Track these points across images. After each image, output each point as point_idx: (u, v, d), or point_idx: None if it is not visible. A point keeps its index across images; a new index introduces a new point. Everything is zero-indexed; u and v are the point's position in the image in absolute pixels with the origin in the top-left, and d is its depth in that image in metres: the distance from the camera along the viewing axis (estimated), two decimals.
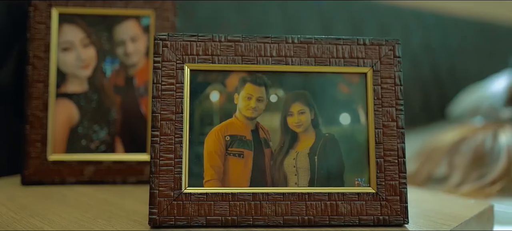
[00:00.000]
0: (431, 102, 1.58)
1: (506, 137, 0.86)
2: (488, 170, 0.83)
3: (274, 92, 0.51)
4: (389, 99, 0.51)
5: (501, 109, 0.99)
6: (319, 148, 0.50)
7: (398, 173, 0.50)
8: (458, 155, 0.89)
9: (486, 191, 0.80)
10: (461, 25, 1.76)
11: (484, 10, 1.94)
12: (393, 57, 0.52)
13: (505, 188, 0.82)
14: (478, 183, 0.82)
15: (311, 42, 0.51)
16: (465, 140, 0.90)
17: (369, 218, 0.49)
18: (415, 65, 1.52)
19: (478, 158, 0.86)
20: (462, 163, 0.87)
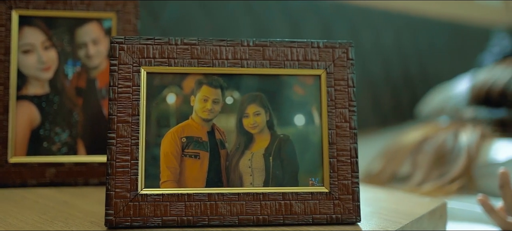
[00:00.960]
0: (402, 102, 1.61)
1: (466, 137, 0.88)
2: (448, 169, 0.85)
3: (230, 94, 0.52)
4: (342, 100, 0.52)
5: (464, 109, 1.01)
6: (274, 149, 0.52)
7: (350, 173, 0.52)
8: (421, 155, 0.91)
9: (445, 189, 0.82)
10: (432, 26, 1.80)
11: (454, 11, 1.98)
12: (346, 59, 0.53)
13: (464, 186, 0.84)
14: (439, 181, 0.84)
15: (266, 45, 0.52)
16: (428, 140, 0.92)
17: (322, 217, 0.51)
18: (386, 66, 1.54)
19: (440, 157, 0.88)
20: (424, 162, 0.89)
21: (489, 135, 0.90)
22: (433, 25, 1.80)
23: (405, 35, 1.64)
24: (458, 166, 0.85)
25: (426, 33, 1.77)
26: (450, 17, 1.93)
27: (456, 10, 2.01)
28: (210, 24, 0.98)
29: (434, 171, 0.87)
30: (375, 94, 1.50)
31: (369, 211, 0.55)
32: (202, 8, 0.97)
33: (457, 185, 0.83)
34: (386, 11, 1.54)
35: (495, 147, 0.87)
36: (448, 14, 1.92)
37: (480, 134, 0.89)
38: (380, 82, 1.52)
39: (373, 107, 1.49)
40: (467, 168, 0.84)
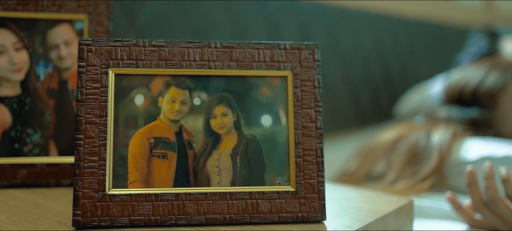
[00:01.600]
0: (382, 102, 1.63)
1: (438, 136, 0.90)
2: (420, 167, 0.87)
3: (197, 95, 0.52)
4: (308, 101, 0.53)
5: (438, 109, 1.03)
6: (241, 149, 0.52)
7: (316, 172, 0.53)
8: (395, 154, 0.92)
9: (417, 188, 0.84)
10: (411, 27, 1.82)
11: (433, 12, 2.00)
12: (313, 60, 0.54)
13: (436, 185, 0.86)
14: (411, 180, 0.85)
15: (233, 47, 0.53)
16: (402, 139, 0.94)
17: (289, 216, 0.52)
18: (365, 66, 1.56)
19: (412, 156, 0.90)
20: (398, 161, 0.90)
21: (461, 134, 0.92)
22: (413, 25, 1.82)
23: (384, 35, 1.66)
24: (429, 165, 0.86)
25: (406, 34, 1.79)
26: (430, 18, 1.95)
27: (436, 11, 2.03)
28: (188, 25, 0.99)
29: (407, 170, 0.88)
30: (354, 94, 1.51)
31: (336, 210, 0.56)
32: (179, 9, 0.97)
33: (428, 183, 0.85)
34: (365, 12, 1.56)
35: (466, 146, 0.88)
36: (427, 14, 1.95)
37: (452, 133, 0.90)
38: (359, 82, 1.54)
39: (353, 107, 1.51)
40: (438, 167, 0.86)
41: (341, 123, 1.45)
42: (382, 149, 0.95)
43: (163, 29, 0.95)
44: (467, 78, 0.97)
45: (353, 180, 0.92)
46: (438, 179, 0.86)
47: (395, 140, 0.95)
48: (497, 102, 0.91)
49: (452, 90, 1.00)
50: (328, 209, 0.55)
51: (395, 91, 1.67)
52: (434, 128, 0.93)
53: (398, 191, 0.83)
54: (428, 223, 0.73)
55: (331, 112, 1.42)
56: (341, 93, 1.45)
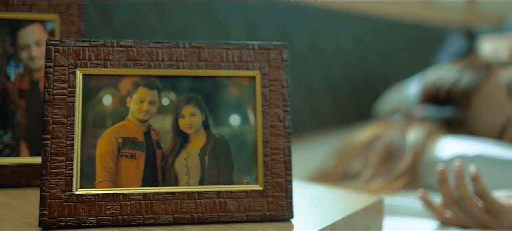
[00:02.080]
0: (363, 101, 1.64)
1: (414, 135, 0.91)
2: (395, 166, 0.88)
3: (166, 95, 0.53)
4: (276, 101, 0.54)
5: (415, 108, 1.04)
6: (210, 148, 0.53)
7: (284, 171, 0.53)
8: (371, 152, 0.93)
9: (392, 186, 0.85)
10: (393, 27, 1.83)
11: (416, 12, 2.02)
12: (281, 60, 0.55)
13: (411, 183, 0.87)
14: (386, 178, 0.86)
15: (201, 47, 0.53)
16: (378, 138, 0.95)
17: (256, 214, 0.52)
18: (346, 66, 1.57)
19: (388, 155, 0.91)
20: (374, 159, 0.91)
21: (436, 133, 0.93)
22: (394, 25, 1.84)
23: (365, 35, 1.67)
24: (404, 163, 0.87)
25: (387, 34, 1.80)
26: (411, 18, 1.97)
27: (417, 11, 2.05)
28: (165, 26, 0.99)
29: (382, 169, 0.89)
30: (335, 94, 1.52)
31: (305, 208, 0.57)
32: (156, 9, 0.97)
33: (403, 181, 0.86)
34: (346, 12, 1.56)
35: (440, 144, 0.90)
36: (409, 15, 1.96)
37: (427, 132, 0.91)
38: (340, 82, 1.55)
39: (334, 106, 1.52)
40: (413, 165, 0.87)
41: (321, 122, 1.46)
42: (358, 148, 0.96)
43: (140, 29, 0.95)
44: (442, 77, 0.99)
45: (330, 179, 0.93)
46: (412, 178, 0.87)
47: (371, 139, 0.96)
48: (471, 101, 0.92)
49: (428, 90, 1.01)
50: (297, 208, 0.56)
51: (376, 90, 1.68)
52: (410, 127, 0.94)
53: (373, 189, 0.84)
54: (399, 221, 0.74)
55: (311, 111, 1.42)
56: (321, 92, 1.46)
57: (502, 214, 0.66)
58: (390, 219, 0.74)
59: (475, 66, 0.96)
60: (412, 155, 0.88)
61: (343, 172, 0.94)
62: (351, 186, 0.86)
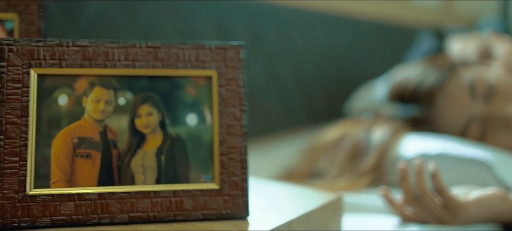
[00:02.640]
0: (336, 100, 1.65)
1: (379, 133, 0.92)
2: (361, 164, 0.89)
3: (122, 95, 0.53)
4: (233, 100, 0.54)
5: (383, 106, 1.06)
6: (166, 148, 0.53)
7: (240, 170, 0.54)
8: (338, 151, 0.94)
9: (357, 184, 0.86)
10: (367, 27, 1.85)
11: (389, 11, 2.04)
12: (238, 60, 0.55)
13: (376, 180, 0.88)
14: (351, 176, 0.88)
15: (158, 47, 0.54)
16: (345, 136, 0.96)
17: (212, 213, 0.53)
18: (319, 65, 1.58)
19: (354, 153, 0.92)
20: (340, 158, 0.93)
21: (401, 131, 0.94)
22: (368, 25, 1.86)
23: (338, 35, 1.68)
24: (369, 162, 0.88)
25: (361, 34, 1.82)
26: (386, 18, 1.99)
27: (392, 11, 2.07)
28: (133, 26, 0.99)
29: (348, 167, 0.90)
30: (308, 93, 1.53)
31: (263, 207, 0.58)
32: (124, 9, 0.97)
33: (368, 179, 0.87)
34: (318, 12, 1.58)
35: (405, 143, 0.91)
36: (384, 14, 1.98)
37: (392, 130, 0.93)
38: (313, 81, 1.56)
39: (306, 105, 1.53)
40: (378, 163, 0.88)
41: (294, 121, 1.47)
42: (325, 147, 0.97)
43: (107, 29, 0.94)
44: (408, 77, 1.00)
45: (297, 177, 0.94)
46: (377, 175, 0.88)
47: (338, 138, 0.97)
48: (435, 100, 0.94)
49: (395, 89, 1.02)
50: (254, 206, 0.56)
51: (349, 89, 1.69)
52: (376, 126, 0.96)
53: (338, 187, 0.85)
54: (360, 219, 0.75)
55: (284, 110, 1.43)
56: (294, 91, 1.47)
57: (458, 210, 0.68)
58: (351, 216, 0.75)
59: (440, 66, 0.98)
60: (377, 153, 0.89)
61: (310, 171, 0.95)
62: (318, 184, 0.87)
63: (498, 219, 0.70)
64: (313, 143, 1.00)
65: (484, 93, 0.91)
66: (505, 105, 0.89)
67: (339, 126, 1.02)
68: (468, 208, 0.68)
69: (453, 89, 0.93)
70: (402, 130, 0.95)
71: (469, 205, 0.68)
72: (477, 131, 0.91)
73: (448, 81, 0.94)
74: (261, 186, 0.66)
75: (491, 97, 0.91)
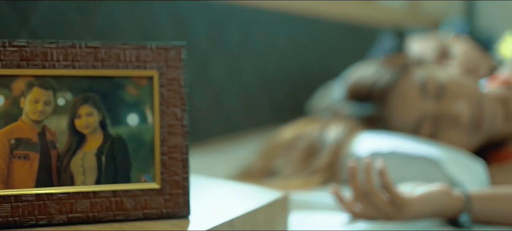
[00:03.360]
0: (300, 99, 1.66)
1: (334, 132, 0.94)
2: (316, 162, 0.90)
3: (61, 95, 0.53)
4: (174, 100, 0.55)
5: (340, 105, 1.07)
6: (107, 148, 0.53)
7: (181, 169, 0.54)
8: (293, 150, 0.95)
9: (311, 182, 0.87)
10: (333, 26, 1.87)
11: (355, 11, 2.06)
12: (179, 60, 0.55)
13: (330, 179, 0.89)
14: (305, 175, 0.89)
15: (98, 47, 0.54)
16: (301, 135, 0.97)
17: (153, 212, 0.53)
18: (282, 65, 1.59)
19: (309, 152, 0.93)
20: (296, 157, 0.94)
21: (356, 130, 0.96)
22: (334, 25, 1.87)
23: (302, 35, 1.70)
24: (323, 160, 0.90)
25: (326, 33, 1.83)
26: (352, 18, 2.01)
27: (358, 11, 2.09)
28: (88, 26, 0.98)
29: (303, 165, 0.91)
30: (272, 92, 1.54)
31: (206, 206, 0.58)
32: (79, 8, 0.96)
33: (322, 177, 0.88)
34: (282, 12, 1.59)
35: (359, 141, 0.93)
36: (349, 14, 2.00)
37: (347, 129, 0.94)
38: (276, 81, 1.57)
39: (269, 105, 1.54)
40: (332, 162, 0.89)
41: (257, 121, 1.48)
42: (282, 145, 0.98)
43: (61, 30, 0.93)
44: (364, 75, 1.02)
45: (254, 177, 0.95)
46: (332, 174, 0.90)
47: (294, 137, 0.98)
48: (389, 99, 0.96)
49: (351, 88, 1.04)
50: (197, 205, 0.57)
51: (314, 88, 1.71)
52: (331, 124, 0.97)
53: (292, 186, 0.86)
54: (310, 216, 0.76)
55: (246, 111, 1.44)
56: (257, 91, 1.48)
57: (404, 206, 0.70)
58: (301, 214, 0.76)
59: (394, 65, 1.00)
60: (331, 152, 0.90)
61: (267, 170, 0.96)
62: (272, 183, 0.88)
63: (442, 214, 0.72)
64: (270, 142, 1.01)
65: (435, 91, 0.93)
66: (454, 103, 0.91)
67: (296, 125, 1.02)
68: (413, 204, 0.70)
69: (405, 88, 0.95)
70: (357, 128, 0.96)
71: (414, 201, 0.70)
72: (428, 129, 0.93)
73: (401, 80, 0.96)
74: (208, 185, 0.66)
75: (442, 96, 0.93)
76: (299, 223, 0.72)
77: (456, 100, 0.91)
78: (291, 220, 0.73)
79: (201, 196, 0.60)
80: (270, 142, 1.01)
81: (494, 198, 0.72)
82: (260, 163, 0.97)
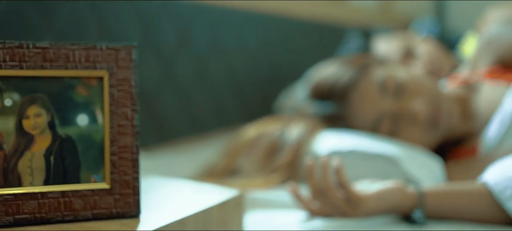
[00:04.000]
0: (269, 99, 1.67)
1: (295, 131, 0.95)
2: (277, 161, 0.91)
3: (9, 96, 0.52)
4: (124, 100, 0.55)
5: (304, 104, 1.08)
6: (55, 148, 0.53)
7: (131, 169, 0.54)
8: (256, 148, 0.96)
9: (272, 181, 0.88)
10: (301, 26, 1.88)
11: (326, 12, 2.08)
12: (129, 61, 0.56)
13: (291, 177, 0.90)
14: (266, 173, 0.89)
15: (46, 48, 0.53)
16: (264, 133, 0.98)
17: (103, 212, 0.53)
18: (251, 64, 1.60)
19: (271, 151, 0.94)
20: (258, 155, 0.94)
21: (317, 128, 0.97)
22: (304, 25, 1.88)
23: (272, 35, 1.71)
24: (284, 159, 0.91)
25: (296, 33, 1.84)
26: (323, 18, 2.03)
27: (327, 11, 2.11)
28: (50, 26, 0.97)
29: (265, 164, 0.92)
30: (241, 92, 1.55)
31: (158, 205, 0.58)
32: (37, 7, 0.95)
33: (283, 176, 0.89)
34: (250, 11, 1.59)
35: (320, 140, 0.94)
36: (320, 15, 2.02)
37: (308, 128, 0.95)
38: (245, 81, 1.57)
39: (239, 105, 1.54)
40: (292, 160, 0.90)
41: (226, 121, 1.48)
42: (245, 144, 0.99)
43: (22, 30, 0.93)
44: (326, 74, 1.03)
45: (216, 176, 0.95)
46: (293, 172, 0.91)
47: (256, 136, 0.98)
48: (349, 97, 0.97)
49: (313, 87, 1.05)
50: (149, 205, 0.57)
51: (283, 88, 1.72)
52: (293, 123, 0.98)
53: (253, 185, 0.86)
54: (267, 215, 0.77)
55: (216, 111, 1.44)
56: (225, 91, 1.48)
57: (359, 203, 0.71)
58: (259, 213, 0.77)
59: (355, 64, 1.01)
60: (292, 150, 0.91)
61: (230, 169, 0.97)
62: (234, 182, 0.89)
63: (396, 211, 0.73)
64: (233, 141, 1.02)
65: (393, 90, 0.95)
66: (413, 102, 0.93)
67: (259, 124, 1.03)
68: (368, 200, 0.71)
69: (365, 87, 0.96)
70: (318, 127, 0.98)
71: (369, 197, 0.71)
72: (387, 126, 0.95)
73: (361, 79, 0.97)
74: (162, 185, 0.66)
75: (400, 94, 0.94)
76: (256, 222, 0.73)
77: (414, 98, 0.93)
78: (249, 219, 0.74)
79: (154, 196, 0.61)
80: (233, 141, 1.02)
81: (446, 194, 0.74)
82: (222, 163, 0.98)
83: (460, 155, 0.98)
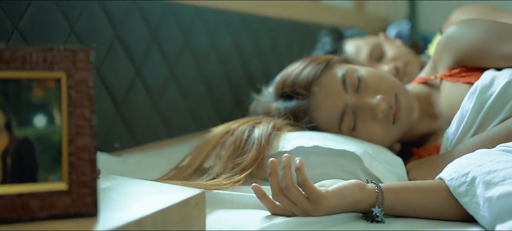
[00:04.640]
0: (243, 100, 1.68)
1: (260, 129, 0.96)
2: (242, 160, 0.92)
3: None
4: (82, 101, 0.56)
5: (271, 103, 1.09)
6: (12, 150, 0.53)
7: (89, 169, 0.55)
8: (223, 147, 0.97)
9: (236, 179, 0.89)
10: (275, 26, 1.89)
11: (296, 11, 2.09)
12: (87, 62, 0.56)
13: (257, 176, 0.92)
14: (232, 172, 0.91)
15: (3, 50, 0.54)
16: (231, 133, 0.99)
17: (60, 212, 0.54)
18: (224, 65, 1.60)
19: (236, 150, 0.95)
20: (224, 154, 0.95)
21: (282, 126, 0.99)
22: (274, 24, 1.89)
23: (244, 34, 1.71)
24: (249, 157, 0.92)
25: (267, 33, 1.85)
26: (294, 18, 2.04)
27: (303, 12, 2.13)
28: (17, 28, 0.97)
29: (231, 163, 0.93)
30: (213, 93, 1.55)
31: (117, 205, 0.59)
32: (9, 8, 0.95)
33: (247, 175, 0.90)
34: (223, 10, 1.60)
35: (284, 138, 0.95)
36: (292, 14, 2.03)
37: (272, 126, 0.97)
38: (219, 81, 1.58)
39: (212, 106, 1.55)
40: (257, 159, 0.92)
41: (199, 123, 1.48)
42: (213, 143, 1.00)
43: None
44: (291, 73, 1.05)
45: (184, 175, 0.96)
46: (258, 171, 0.92)
47: (223, 135, 0.99)
48: (313, 93, 0.99)
49: (278, 85, 1.07)
50: (108, 204, 0.58)
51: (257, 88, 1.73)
52: (259, 123, 0.99)
53: (220, 184, 0.87)
54: (229, 214, 0.78)
55: (187, 112, 1.45)
56: (198, 92, 1.48)
57: (319, 201, 0.72)
58: (222, 212, 0.78)
59: (318, 62, 1.03)
60: (257, 149, 0.93)
61: (197, 168, 0.97)
62: (200, 182, 0.89)
63: (356, 208, 0.75)
64: (200, 141, 1.03)
65: (354, 85, 0.97)
66: (372, 96, 0.96)
67: (227, 124, 1.04)
68: (328, 198, 0.73)
69: (328, 82, 0.99)
70: (283, 125, 0.99)
71: (329, 195, 0.73)
72: (349, 121, 0.97)
73: (324, 75, 1.00)
74: (123, 185, 0.67)
75: (361, 89, 0.97)
76: (219, 221, 0.74)
77: (373, 93, 0.96)
78: (211, 219, 0.75)
79: (114, 196, 0.61)
80: (200, 141, 1.03)
81: (404, 190, 0.76)
82: (190, 162, 0.98)
83: (423, 155, 1.00)
